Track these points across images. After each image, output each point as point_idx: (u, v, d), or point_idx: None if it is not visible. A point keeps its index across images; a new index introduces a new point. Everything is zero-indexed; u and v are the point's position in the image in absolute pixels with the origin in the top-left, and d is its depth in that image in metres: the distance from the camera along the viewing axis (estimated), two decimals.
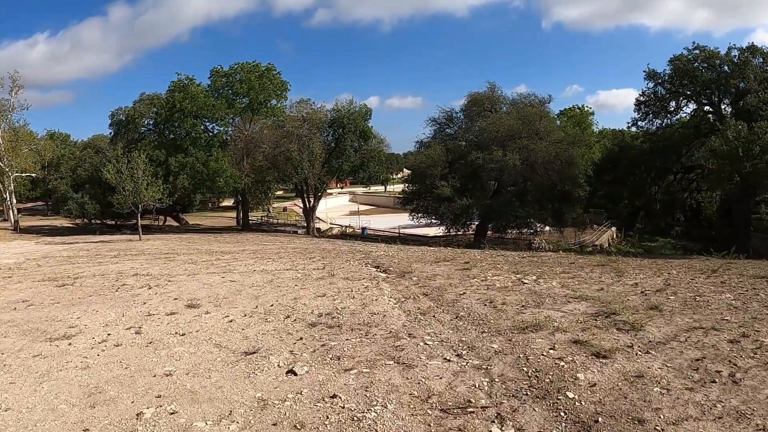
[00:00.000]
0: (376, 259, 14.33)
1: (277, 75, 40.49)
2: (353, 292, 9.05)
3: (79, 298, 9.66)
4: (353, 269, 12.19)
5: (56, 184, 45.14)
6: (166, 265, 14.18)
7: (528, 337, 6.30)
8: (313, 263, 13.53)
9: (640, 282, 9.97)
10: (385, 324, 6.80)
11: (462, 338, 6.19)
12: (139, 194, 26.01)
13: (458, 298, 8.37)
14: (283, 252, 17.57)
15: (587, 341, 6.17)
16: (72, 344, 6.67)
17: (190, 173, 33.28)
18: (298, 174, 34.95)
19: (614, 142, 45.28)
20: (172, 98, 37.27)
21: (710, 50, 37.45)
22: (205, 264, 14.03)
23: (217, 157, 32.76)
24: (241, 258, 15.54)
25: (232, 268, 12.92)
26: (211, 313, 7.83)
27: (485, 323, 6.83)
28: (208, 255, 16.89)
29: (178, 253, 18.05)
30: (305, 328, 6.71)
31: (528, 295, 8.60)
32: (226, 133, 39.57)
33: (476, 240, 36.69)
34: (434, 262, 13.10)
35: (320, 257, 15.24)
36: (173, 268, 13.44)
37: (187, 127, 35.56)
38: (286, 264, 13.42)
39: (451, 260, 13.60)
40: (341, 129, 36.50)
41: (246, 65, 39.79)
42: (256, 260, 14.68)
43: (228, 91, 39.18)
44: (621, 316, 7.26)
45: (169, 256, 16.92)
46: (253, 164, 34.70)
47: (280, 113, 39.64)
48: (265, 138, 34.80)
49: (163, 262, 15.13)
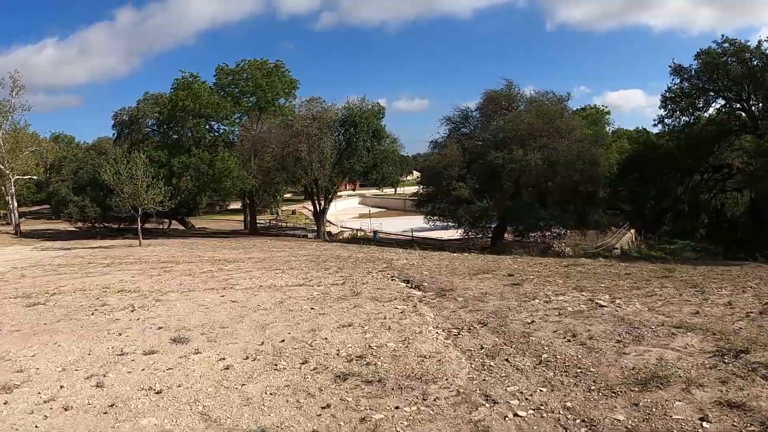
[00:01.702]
0: (402, 270, 12.37)
1: (286, 72, 38.70)
2: (387, 319, 7.08)
3: (44, 324, 7.77)
4: (379, 284, 10.23)
5: (57, 187, 43.53)
6: (159, 277, 12.29)
7: (657, 398, 4.33)
8: (330, 276, 11.58)
9: (732, 301, 8.17)
10: (445, 375, 4.82)
11: (566, 402, 4.21)
12: (138, 197, 24.22)
13: (528, 329, 6.38)
14: (293, 261, 15.65)
15: (742, 403, 4.23)
16: (8, 403, 4.76)
17: (193, 174, 31.46)
18: (307, 175, 33.07)
19: (638, 141, 42.93)
20: (175, 97, 35.54)
21: (741, 43, 35.11)
22: (204, 277, 12.11)
23: (223, 158, 30.91)
24: (246, 268, 13.65)
25: (234, 282, 11.00)
26: (203, 352, 5.88)
27: (585, 373, 4.85)
28: (210, 264, 15.00)
29: (178, 261, 16.19)
30: (331, 383, 4.74)
31: (616, 324, 6.61)
32: (233, 133, 37.79)
33: (493, 243, 34.74)
34: (472, 275, 11.12)
35: (337, 267, 13.32)
36: (167, 282, 11.54)
37: (190, 126, 33.70)
38: (299, 277, 11.49)
39: (491, 272, 11.62)
40: (353, 128, 34.56)
41: (253, 62, 37.98)
42: (263, 272, 12.76)
43: (234, 89, 37.39)
44: (754, 355, 5.33)
45: (166, 265, 15.06)
46: (261, 165, 32.86)
47: (288, 112, 37.78)
48: (273, 138, 32.94)
49: (157, 273, 13.26)
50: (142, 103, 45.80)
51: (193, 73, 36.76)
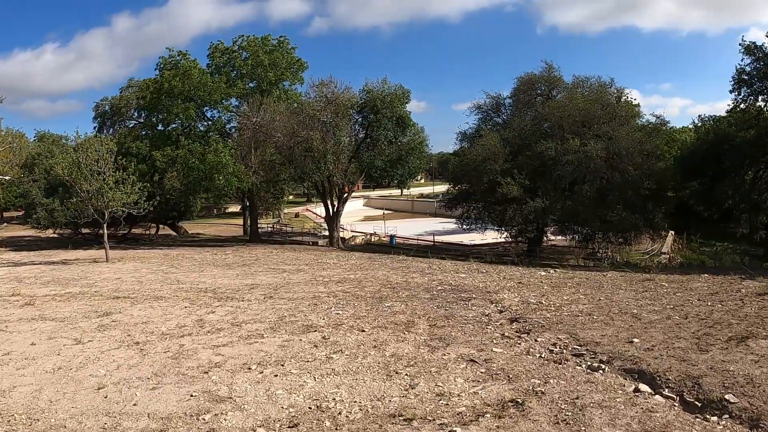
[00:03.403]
0: (552, 328, 6.50)
1: (291, 50, 32.65)
2: None
3: None
4: (506, 352, 4.38)
5: (27, 188, 37.61)
6: (81, 349, 6.33)
7: None
8: (412, 333, 5.72)
9: None
10: None
11: None
12: (103, 196, 18.28)
13: None
14: (326, 295, 9.70)
15: None
16: None
17: (181, 170, 25.46)
18: (320, 170, 27.10)
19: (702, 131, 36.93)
20: (160, 78, 29.58)
21: None
22: (163, 355, 6.12)
23: (215, 149, 24.86)
24: (249, 314, 7.75)
25: (229, 369, 5.13)
26: None
27: None
28: (187, 304, 9.07)
29: (137, 298, 10.18)
30: None
31: None
32: (229, 122, 31.71)
33: (530, 250, 29.03)
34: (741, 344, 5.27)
35: (402, 305, 7.54)
36: (80, 377, 5.59)
37: (178, 111, 27.57)
38: (359, 347, 5.62)
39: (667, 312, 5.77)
40: (373, 115, 28.60)
41: (253, 39, 32.01)
42: (287, 333, 6.80)
43: (230, 70, 31.39)
44: None
45: (113, 307, 9.12)
46: (263, 159, 26.88)
47: (295, 98, 31.77)
48: (278, 126, 26.94)
49: (88, 330, 7.32)
50: (125, 90, 39.93)
51: (182, 51, 30.86)
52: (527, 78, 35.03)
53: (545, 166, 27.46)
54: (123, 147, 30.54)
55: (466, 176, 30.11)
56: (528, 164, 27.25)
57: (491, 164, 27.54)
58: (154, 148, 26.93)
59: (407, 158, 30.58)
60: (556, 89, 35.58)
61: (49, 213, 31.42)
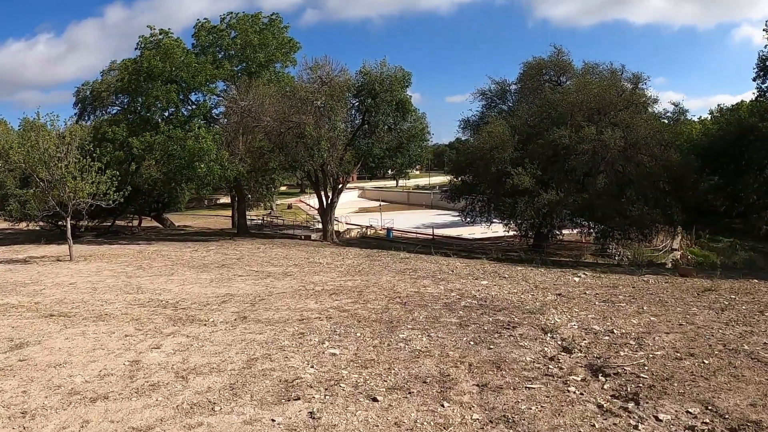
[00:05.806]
0: (590, 350, 4.39)
1: (283, 30, 30.15)
2: None
3: None
4: None
5: (2, 178, 35.08)
6: None
7: None
8: (453, 405, 3.58)
9: None
10: None
11: None
12: (64, 186, 15.98)
13: None
14: (315, 314, 7.55)
15: None
16: None
17: (160, 157, 23.08)
18: (313, 158, 24.78)
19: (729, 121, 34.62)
20: (140, 58, 27.05)
21: None
22: None
23: (197, 135, 22.45)
24: (207, 351, 5.60)
25: None
26: None
27: None
28: (133, 329, 6.88)
29: (76, 316, 7.99)
30: None
31: None
32: (215, 106, 29.20)
33: (536, 245, 27.03)
34: None
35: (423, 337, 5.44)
36: None
37: (158, 95, 25.02)
38: None
39: None
40: (371, 99, 26.25)
41: (243, 17, 29.49)
42: (251, 383, 4.65)
43: (217, 50, 28.90)
44: None
45: (44, 328, 6.94)
46: (251, 145, 24.51)
47: (287, 81, 29.32)
48: (267, 109, 24.54)
49: None
50: (106, 74, 37.25)
51: (164, 29, 28.29)
52: (535, 63, 32.89)
53: (558, 155, 25.42)
54: (99, 132, 28.17)
55: (471, 166, 27.90)
56: (540, 153, 25.14)
57: (499, 153, 25.44)
58: (131, 134, 24.52)
59: (408, 146, 28.28)
60: (566, 75, 33.52)
61: (22, 205, 29.07)
